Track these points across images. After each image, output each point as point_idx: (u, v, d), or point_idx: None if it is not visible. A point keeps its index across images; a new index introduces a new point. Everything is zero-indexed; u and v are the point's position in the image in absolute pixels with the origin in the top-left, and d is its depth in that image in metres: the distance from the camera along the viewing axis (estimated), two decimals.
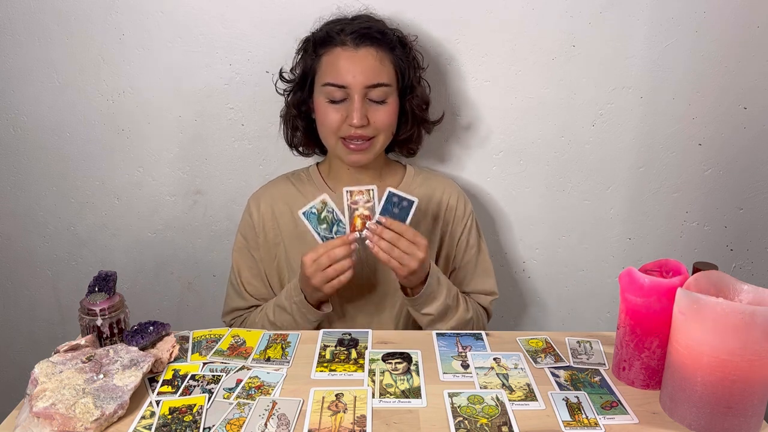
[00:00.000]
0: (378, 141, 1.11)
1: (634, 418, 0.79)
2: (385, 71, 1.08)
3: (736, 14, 1.22)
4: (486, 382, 0.85)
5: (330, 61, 1.07)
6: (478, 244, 1.23)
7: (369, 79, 1.06)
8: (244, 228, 1.20)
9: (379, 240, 0.99)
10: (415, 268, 1.00)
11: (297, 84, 1.15)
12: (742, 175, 1.34)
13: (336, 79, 1.06)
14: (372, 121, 1.08)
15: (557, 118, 1.30)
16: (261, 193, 1.21)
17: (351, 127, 1.07)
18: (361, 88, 1.06)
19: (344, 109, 1.08)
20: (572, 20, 1.23)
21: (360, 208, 1.01)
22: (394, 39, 1.11)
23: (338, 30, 1.08)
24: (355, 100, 1.06)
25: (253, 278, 1.20)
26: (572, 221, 1.38)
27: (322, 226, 1.01)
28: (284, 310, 1.08)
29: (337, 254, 0.99)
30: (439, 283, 1.08)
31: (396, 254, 0.99)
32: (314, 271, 0.99)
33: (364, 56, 1.06)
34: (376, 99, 1.08)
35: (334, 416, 0.78)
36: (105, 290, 0.92)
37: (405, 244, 0.99)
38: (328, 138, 1.12)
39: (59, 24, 1.25)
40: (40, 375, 0.79)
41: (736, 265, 1.42)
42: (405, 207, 1.01)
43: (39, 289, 1.47)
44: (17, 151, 1.36)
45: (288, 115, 1.18)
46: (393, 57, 1.10)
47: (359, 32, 1.07)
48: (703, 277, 0.79)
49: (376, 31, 1.08)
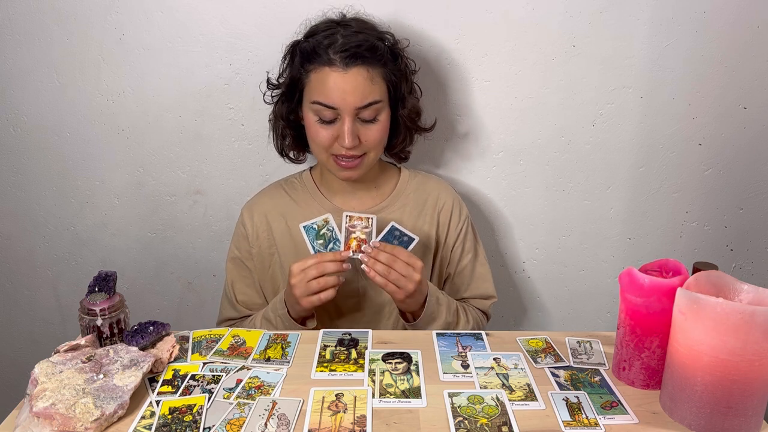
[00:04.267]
0: (369, 157, 1.09)
1: (634, 418, 0.79)
2: (376, 89, 1.04)
3: (736, 14, 1.22)
4: (486, 382, 0.85)
5: (319, 79, 1.03)
6: (474, 248, 1.22)
7: (359, 100, 1.02)
8: (237, 239, 1.19)
9: (375, 263, 0.99)
10: (413, 290, 1.00)
11: (285, 94, 1.12)
12: (742, 175, 1.34)
13: (325, 99, 1.03)
14: (363, 140, 1.06)
15: (557, 118, 1.30)
16: (254, 202, 1.20)
17: (342, 147, 1.05)
18: (352, 109, 1.03)
19: (335, 129, 1.05)
20: (572, 20, 1.23)
21: (357, 231, 1.02)
22: (385, 53, 1.06)
23: (326, 45, 1.02)
24: (345, 122, 1.03)
25: (246, 288, 1.19)
26: (572, 221, 1.38)
27: (319, 241, 1.03)
28: (270, 323, 1.08)
29: (327, 267, 0.98)
30: (438, 303, 1.07)
31: (393, 277, 0.99)
32: (299, 280, 0.99)
33: (354, 77, 1.02)
34: (367, 118, 1.05)
35: (334, 416, 0.78)
36: (105, 290, 0.92)
37: (401, 265, 0.99)
38: (318, 154, 1.10)
39: (59, 24, 1.25)
40: (40, 375, 0.79)
41: (736, 265, 1.42)
42: (405, 242, 1.02)
43: (39, 289, 1.47)
44: (17, 151, 1.36)
45: (277, 124, 1.16)
46: (384, 72, 1.06)
47: (350, 51, 1.01)
48: (703, 277, 0.79)
49: (366, 48, 1.03)
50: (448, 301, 1.11)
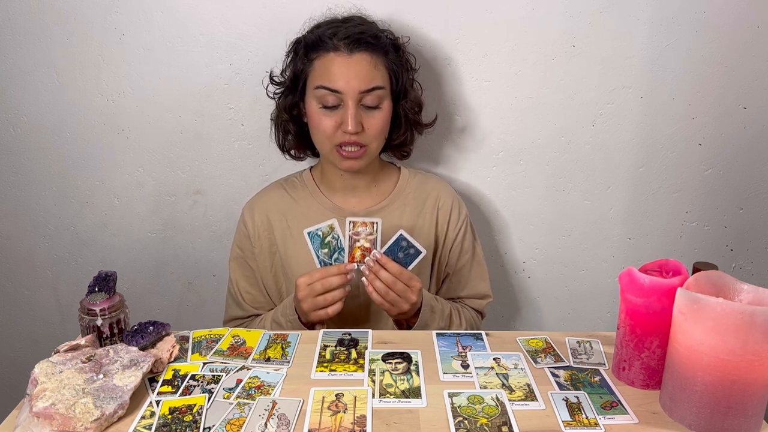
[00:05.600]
0: (371, 148, 1.10)
1: (634, 418, 0.79)
2: (379, 75, 1.06)
3: (736, 14, 1.22)
4: (486, 382, 0.85)
5: (323, 65, 1.05)
6: (472, 248, 1.23)
7: (363, 84, 1.04)
8: (239, 238, 1.20)
9: (375, 280, 0.99)
10: (406, 309, 1.02)
11: (288, 87, 1.13)
12: (742, 175, 1.34)
13: (329, 83, 1.04)
14: (366, 128, 1.07)
15: (557, 118, 1.30)
16: (254, 201, 1.20)
17: (345, 134, 1.06)
18: (356, 93, 1.04)
19: (338, 116, 1.06)
20: (572, 20, 1.23)
21: (361, 239, 1.00)
22: (387, 42, 1.09)
23: (330, 34, 1.05)
24: (349, 106, 1.04)
25: (250, 287, 1.19)
26: (572, 221, 1.38)
27: (324, 250, 1.01)
28: (280, 326, 1.09)
29: (332, 282, 0.99)
30: (432, 311, 1.09)
31: (390, 297, 1.00)
32: (306, 295, 1.00)
33: (358, 61, 1.04)
34: (370, 104, 1.07)
35: (334, 416, 0.78)
36: (105, 290, 0.92)
37: (401, 287, 0.99)
38: (322, 145, 1.11)
39: (59, 24, 1.25)
40: (40, 375, 0.79)
41: (736, 265, 1.42)
42: (411, 254, 1.00)
43: (39, 289, 1.47)
44: (17, 151, 1.36)
45: (279, 119, 1.17)
46: (386, 61, 1.08)
47: (353, 37, 1.04)
48: (703, 277, 0.79)
49: (370, 35, 1.06)
50: (441, 308, 1.12)
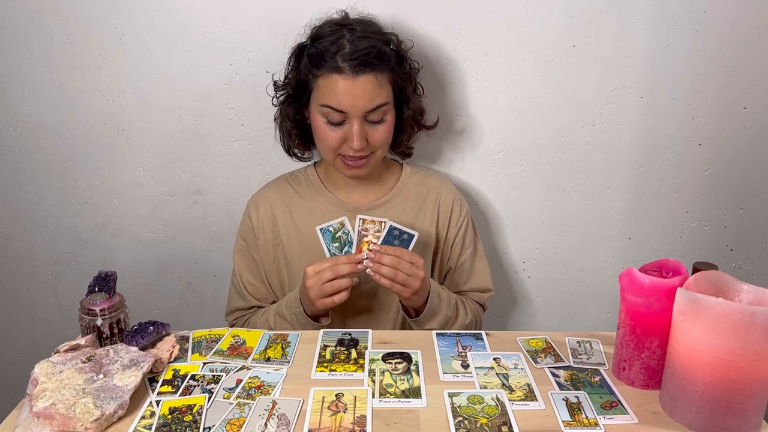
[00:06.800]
0: (376, 156, 1.12)
1: (634, 418, 0.79)
2: (383, 93, 1.06)
3: (736, 14, 1.22)
4: (486, 382, 0.85)
5: (328, 84, 1.04)
6: (474, 244, 1.24)
7: (368, 104, 1.04)
8: (243, 230, 1.21)
9: (380, 267, 1.00)
10: (418, 287, 1.02)
11: (291, 95, 1.13)
12: (742, 175, 1.34)
13: (334, 103, 1.04)
14: (371, 141, 1.08)
15: (557, 118, 1.30)
16: (259, 195, 1.21)
17: (350, 149, 1.07)
18: (360, 113, 1.05)
19: (343, 131, 1.07)
20: (572, 20, 1.23)
21: (369, 235, 1.04)
22: (392, 58, 1.08)
23: (334, 51, 1.03)
24: (354, 125, 1.05)
25: (253, 279, 1.20)
26: (572, 221, 1.38)
27: (335, 244, 1.04)
28: (284, 319, 1.09)
29: (342, 270, 1.00)
30: (440, 298, 1.10)
31: (399, 278, 1.00)
32: (314, 282, 1.00)
33: (363, 84, 1.03)
34: (374, 120, 1.07)
35: (334, 416, 0.78)
36: (105, 290, 0.92)
37: (405, 265, 1.00)
38: (327, 154, 1.12)
39: (59, 24, 1.25)
40: (40, 375, 0.79)
41: (736, 265, 1.42)
42: (405, 240, 1.04)
43: (39, 289, 1.47)
44: (17, 151, 1.36)
45: (283, 126, 1.18)
46: (391, 76, 1.08)
47: (358, 59, 1.02)
48: (703, 277, 0.79)
49: (374, 56, 1.04)
50: (448, 296, 1.13)
